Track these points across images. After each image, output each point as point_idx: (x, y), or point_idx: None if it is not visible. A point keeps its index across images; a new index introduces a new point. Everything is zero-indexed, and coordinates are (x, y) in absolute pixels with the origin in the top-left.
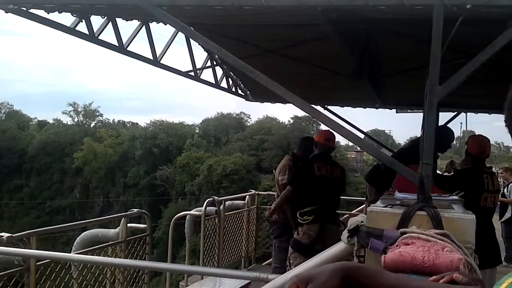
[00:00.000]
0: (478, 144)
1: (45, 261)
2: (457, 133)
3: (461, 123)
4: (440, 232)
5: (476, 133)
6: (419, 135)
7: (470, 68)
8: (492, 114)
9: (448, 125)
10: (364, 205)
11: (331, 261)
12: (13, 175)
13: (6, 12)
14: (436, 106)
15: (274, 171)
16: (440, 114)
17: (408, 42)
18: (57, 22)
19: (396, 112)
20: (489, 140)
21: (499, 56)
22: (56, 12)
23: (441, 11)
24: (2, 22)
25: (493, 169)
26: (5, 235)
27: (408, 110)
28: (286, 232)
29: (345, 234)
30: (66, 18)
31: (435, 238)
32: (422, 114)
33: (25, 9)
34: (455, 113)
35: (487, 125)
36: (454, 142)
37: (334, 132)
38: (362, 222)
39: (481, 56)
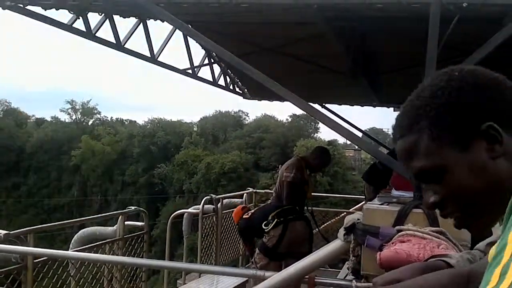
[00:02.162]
0: None
1: (42, 259)
2: None
3: None
4: (435, 230)
5: None
6: None
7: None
8: None
9: None
10: (362, 203)
11: (327, 258)
12: (10, 173)
13: (3, 8)
14: None
15: (279, 166)
16: None
17: (405, 40)
18: (54, 19)
19: (394, 111)
20: None
21: (495, 54)
22: (53, 9)
23: (437, 9)
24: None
25: None
26: (3, 232)
27: None
28: None
29: (341, 231)
30: (63, 15)
31: (431, 235)
32: None
33: (22, 5)
34: None
35: None
36: None
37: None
38: (358, 219)
39: (477, 55)
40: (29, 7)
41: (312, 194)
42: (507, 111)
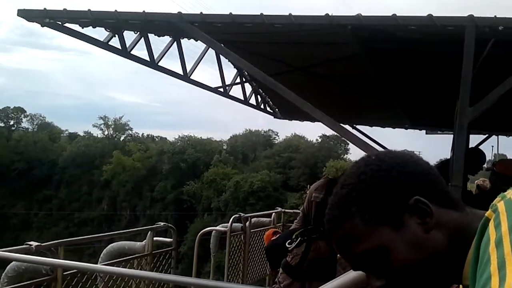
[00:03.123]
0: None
1: (72, 271)
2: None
3: (492, 146)
4: None
5: (508, 157)
6: (449, 157)
7: (502, 90)
8: None
9: (479, 147)
10: None
11: (358, 280)
12: (43, 186)
13: (42, 26)
14: (466, 127)
15: (308, 186)
16: (471, 136)
17: (439, 62)
18: (91, 37)
19: (426, 133)
20: None
21: None
22: (90, 27)
23: (472, 32)
24: (36, 35)
25: None
26: (34, 244)
27: (438, 132)
28: None
29: None
30: (100, 33)
31: None
32: (452, 135)
33: (60, 23)
34: (486, 135)
35: None
36: (485, 165)
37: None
38: None
39: None
40: (66, 25)
41: None
42: (429, 183)
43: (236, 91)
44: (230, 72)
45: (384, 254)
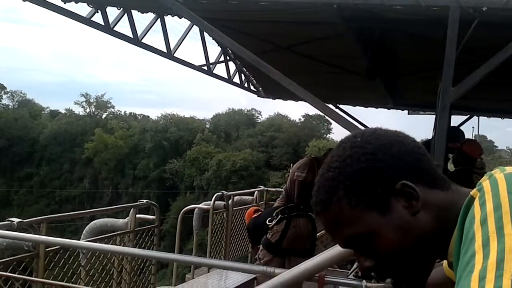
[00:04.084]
0: (479, 148)
1: (54, 248)
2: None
3: (473, 127)
4: None
5: (488, 138)
6: (430, 137)
7: (484, 71)
8: (505, 119)
9: (458, 127)
10: None
11: (339, 257)
12: (24, 163)
13: (24, 0)
14: (448, 108)
15: (291, 165)
16: (452, 117)
17: (423, 43)
18: (73, 12)
19: (408, 114)
20: None
21: None
22: (73, 2)
23: (457, 13)
24: (15, 11)
25: None
26: (16, 220)
27: (420, 112)
28: None
29: None
30: (82, 8)
31: None
32: (434, 116)
33: None
34: (467, 116)
35: (499, 130)
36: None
37: (347, 131)
38: None
39: (495, 60)
40: (48, 0)
41: None
42: (415, 164)
43: (220, 69)
44: (214, 50)
45: (372, 238)
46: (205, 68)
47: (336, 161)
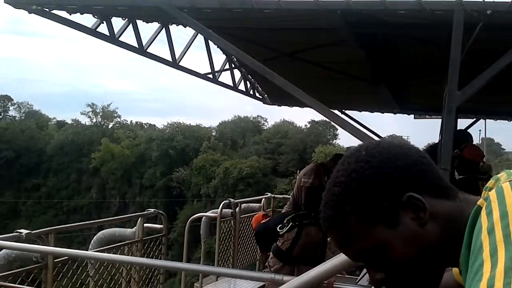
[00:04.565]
0: (479, 151)
1: (62, 258)
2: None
3: (479, 130)
4: None
5: (496, 141)
6: (437, 141)
7: (490, 74)
8: None
9: (465, 130)
10: None
11: (348, 263)
12: (31, 174)
13: (30, 12)
14: (455, 111)
15: (297, 172)
16: (459, 120)
17: (427, 47)
18: (78, 23)
19: (414, 118)
20: None
21: None
22: (78, 14)
23: (461, 16)
24: (21, 22)
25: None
26: (24, 231)
27: (427, 116)
28: None
29: None
30: (88, 20)
31: None
32: (440, 120)
33: (48, 10)
34: (474, 119)
35: (506, 132)
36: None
37: (353, 137)
38: None
39: (501, 62)
40: (54, 11)
41: None
42: (421, 175)
43: (225, 77)
44: (219, 58)
45: (381, 251)
46: (211, 76)
47: (341, 176)
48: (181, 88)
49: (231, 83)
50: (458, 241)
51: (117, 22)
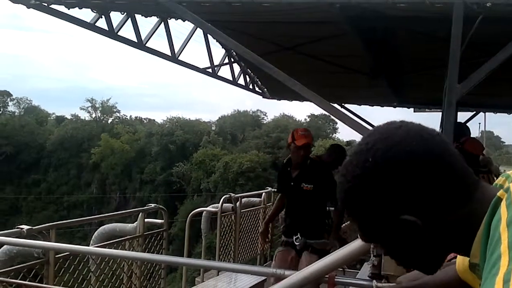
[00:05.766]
0: (480, 145)
1: (64, 254)
2: (476, 133)
3: (479, 123)
4: None
5: (495, 134)
6: None
7: (490, 67)
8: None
9: (462, 123)
10: None
11: (349, 257)
12: (31, 170)
13: (28, 7)
14: (455, 105)
15: None
16: (459, 113)
17: (427, 40)
18: (77, 18)
19: (414, 111)
20: None
21: None
22: (77, 8)
23: (461, 9)
24: (19, 18)
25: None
26: (25, 227)
27: (426, 109)
28: None
29: None
30: (86, 14)
31: None
32: (440, 113)
33: (46, 4)
34: (474, 112)
35: (506, 125)
36: None
37: (353, 130)
38: None
39: (501, 55)
40: (52, 6)
41: None
42: (436, 183)
43: (224, 71)
44: (219, 52)
45: (386, 246)
46: (210, 70)
47: (349, 174)
48: (181, 83)
49: (230, 77)
50: (473, 232)
51: (116, 17)
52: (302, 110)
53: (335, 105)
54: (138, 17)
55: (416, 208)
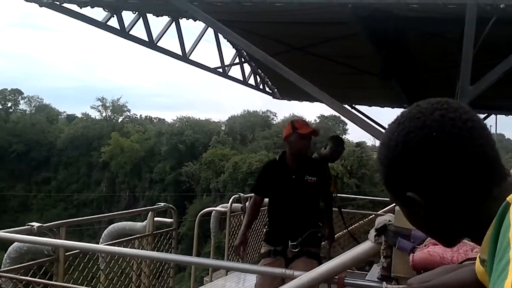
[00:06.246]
0: None
1: (74, 252)
2: None
3: (490, 125)
4: None
5: (506, 137)
6: None
7: (503, 69)
8: None
9: None
10: (392, 205)
11: (358, 259)
12: (41, 167)
13: (41, 6)
14: None
15: None
16: None
17: (439, 41)
18: (89, 17)
19: None
20: None
21: None
22: (89, 7)
23: (474, 10)
24: (32, 17)
25: None
26: (36, 225)
27: None
28: None
29: (372, 233)
30: (98, 13)
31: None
32: None
33: (58, 3)
34: (485, 115)
35: None
36: None
37: (363, 132)
38: (390, 221)
39: None
40: (65, 5)
41: (339, 195)
42: (468, 173)
43: (235, 71)
44: (229, 52)
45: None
46: (220, 70)
47: (381, 151)
48: (191, 83)
49: (241, 77)
50: (480, 230)
51: (128, 16)
52: (312, 111)
53: (346, 106)
54: (150, 16)
55: (425, 188)
